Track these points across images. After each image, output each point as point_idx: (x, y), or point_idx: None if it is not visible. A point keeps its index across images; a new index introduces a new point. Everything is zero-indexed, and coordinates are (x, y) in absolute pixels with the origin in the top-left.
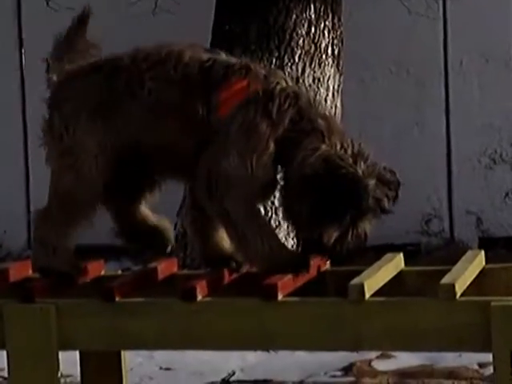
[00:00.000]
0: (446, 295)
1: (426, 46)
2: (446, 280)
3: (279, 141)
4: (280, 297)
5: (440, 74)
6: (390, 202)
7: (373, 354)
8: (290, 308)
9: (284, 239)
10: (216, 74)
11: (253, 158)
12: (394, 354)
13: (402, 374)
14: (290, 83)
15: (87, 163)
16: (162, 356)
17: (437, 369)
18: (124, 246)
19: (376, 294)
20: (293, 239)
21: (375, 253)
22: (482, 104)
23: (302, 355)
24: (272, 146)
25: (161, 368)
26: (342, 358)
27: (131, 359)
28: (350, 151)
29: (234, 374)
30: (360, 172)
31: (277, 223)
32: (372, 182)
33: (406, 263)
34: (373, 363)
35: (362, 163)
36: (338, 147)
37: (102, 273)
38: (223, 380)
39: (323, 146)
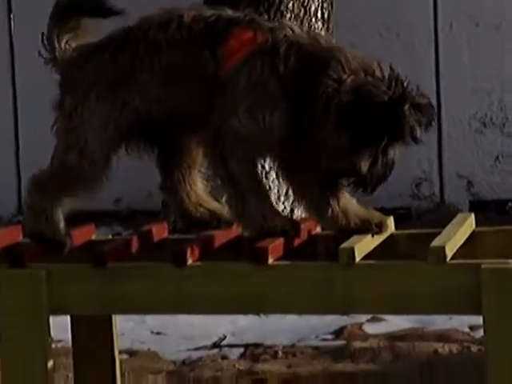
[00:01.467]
0: (436, 258)
1: (416, 10)
2: (435, 243)
3: (294, 91)
4: (270, 260)
5: (430, 37)
6: (423, 128)
7: (363, 318)
8: (281, 272)
9: (274, 203)
10: (220, 27)
11: (265, 115)
12: (384, 317)
13: (393, 338)
14: (297, 31)
15: (92, 143)
16: (154, 320)
17: (427, 332)
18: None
19: (366, 257)
20: (283, 203)
21: None
22: (471, 68)
23: (292, 319)
24: (283, 102)
25: (152, 332)
26: (333, 321)
27: (122, 324)
28: (378, 74)
29: (225, 338)
30: (392, 96)
31: (267, 187)
32: (406, 108)
33: (397, 226)
34: (364, 327)
35: (394, 86)
36: (362, 73)
37: (93, 237)
38: (214, 344)
39: (345, 76)
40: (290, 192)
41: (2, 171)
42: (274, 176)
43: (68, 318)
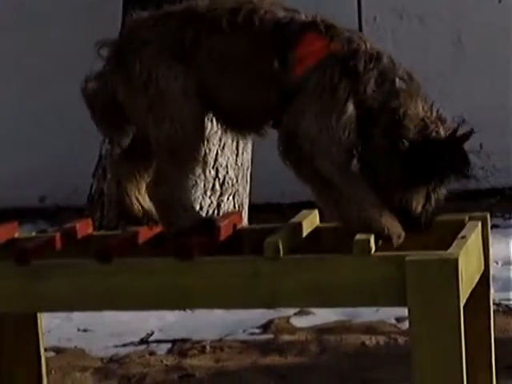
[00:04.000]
0: (361, 251)
1: (339, 2)
2: (360, 236)
3: (362, 103)
4: (195, 256)
5: (354, 29)
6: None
7: (291, 311)
8: (206, 267)
9: (201, 198)
10: (293, 31)
11: (331, 119)
12: (312, 310)
13: (321, 330)
14: (372, 45)
15: (179, 110)
16: (80, 317)
17: (354, 324)
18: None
19: (292, 250)
20: (210, 197)
21: (291, 210)
22: (396, 60)
23: (220, 313)
24: (351, 108)
25: (79, 329)
26: (261, 315)
27: (49, 321)
28: (433, 114)
29: (152, 333)
30: (455, 135)
31: (193, 182)
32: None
33: (322, 220)
34: (291, 320)
35: (444, 127)
36: (421, 110)
37: (16, 235)
38: (142, 340)
39: (411, 107)
40: (217, 187)
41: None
42: (201, 170)
43: None
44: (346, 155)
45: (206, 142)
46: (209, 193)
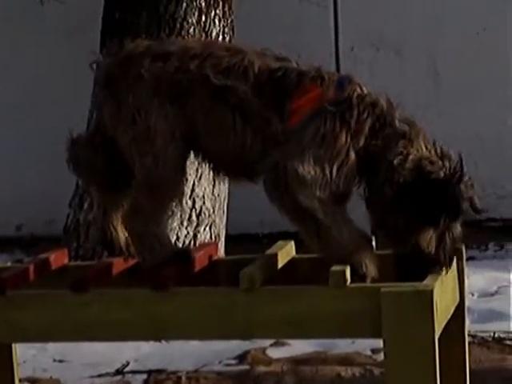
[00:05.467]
0: (336, 282)
1: (318, 32)
2: (336, 267)
3: (361, 151)
4: (171, 287)
5: (331, 60)
6: (476, 200)
7: (267, 342)
8: (181, 298)
9: (177, 228)
10: (288, 83)
11: (333, 167)
12: (288, 341)
13: (297, 361)
14: (366, 90)
15: (164, 149)
16: (56, 348)
17: (330, 355)
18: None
19: (267, 282)
20: (186, 228)
21: (269, 240)
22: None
23: (196, 344)
24: (353, 156)
25: (54, 360)
26: (237, 346)
27: (24, 351)
28: (434, 152)
29: (128, 364)
30: (449, 175)
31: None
32: (463, 185)
33: (298, 250)
34: (267, 351)
35: (448, 164)
36: (424, 150)
37: None
38: (117, 371)
39: (411, 151)
40: (194, 217)
41: None
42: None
43: None
44: (336, 198)
45: (185, 179)
46: (185, 223)
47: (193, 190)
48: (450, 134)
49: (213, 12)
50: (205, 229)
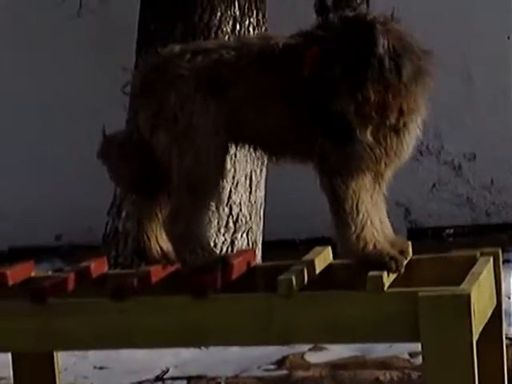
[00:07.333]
0: (374, 287)
1: None
2: (373, 272)
3: None
4: (209, 293)
5: None
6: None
7: (305, 347)
8: (220, 304)
9: (215, 235)
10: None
11: None
12: (326, 346)
13: (335, 366)
14: None
15: (205, 146)
16: (96, 355)
17: (369, 359)
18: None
19: (305, 287)
20: (223, 235)
21: (305, 246)
22: None
23: (235, 350)
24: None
25: (95, 367)
26: (275, 351)
27: (65, 359)
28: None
29: (167, 371)
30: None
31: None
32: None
33: (335, 256)
34: (305, 356)
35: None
36: None
37: (32, 274)
38: (157, 377)
39: None
40: (231, 224)
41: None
42: (214, 208)
43: (9, 355)
44: None
45: (224, 180)
46: (222, 230)
47: (229, 197)
48: (485, 139)
49: (247, 21)
50: (242, 235)
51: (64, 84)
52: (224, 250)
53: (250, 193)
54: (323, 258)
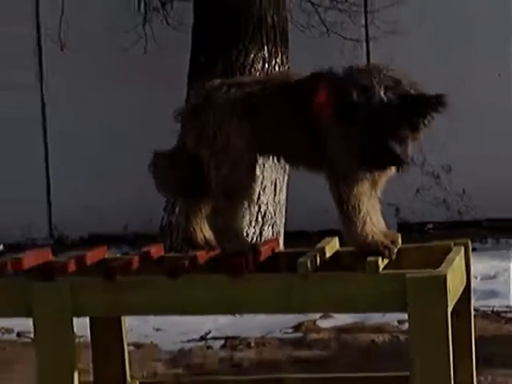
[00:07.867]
0: (372, 269)
1: None
2: (371, 258)
3: None
4: (244, 273)
5: None
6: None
7: (317, 315)
8: (251, 282)
9: (247, 227)
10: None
11: None
12: (333, 315)
13: (340, 330)
14: None
15: (239, 159)
16: (155, 320)
17: (366, 325)
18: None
19: (318, 269)
20: (254, 227)
21: (318, 237)
22: None
23: (261, 317)
24: None
25: (154, 328)
26: (293, 318)
27: (130, 322)
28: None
29: (209, 332)
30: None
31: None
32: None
33: (341, 245)
34: (317, 322)
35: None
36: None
37: (105, 256)
38: (201, 337)
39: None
40: (259, 219)
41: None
42: (247, 206)
43: (87, 319)
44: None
45: (255, 185)
46: (253, 223)
47: (258, 198)
48: (460, 152)
49: (273, 61)
50: (268, 228)
51: (137, 113)
52: (254, 239)
53: (275, 195)
54: (332, 246)
